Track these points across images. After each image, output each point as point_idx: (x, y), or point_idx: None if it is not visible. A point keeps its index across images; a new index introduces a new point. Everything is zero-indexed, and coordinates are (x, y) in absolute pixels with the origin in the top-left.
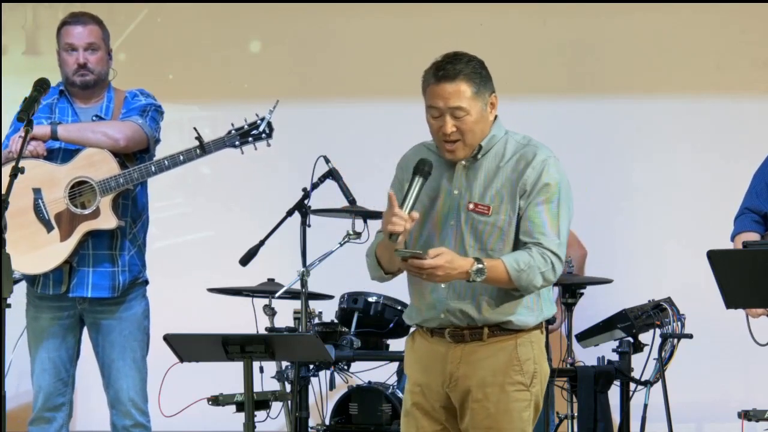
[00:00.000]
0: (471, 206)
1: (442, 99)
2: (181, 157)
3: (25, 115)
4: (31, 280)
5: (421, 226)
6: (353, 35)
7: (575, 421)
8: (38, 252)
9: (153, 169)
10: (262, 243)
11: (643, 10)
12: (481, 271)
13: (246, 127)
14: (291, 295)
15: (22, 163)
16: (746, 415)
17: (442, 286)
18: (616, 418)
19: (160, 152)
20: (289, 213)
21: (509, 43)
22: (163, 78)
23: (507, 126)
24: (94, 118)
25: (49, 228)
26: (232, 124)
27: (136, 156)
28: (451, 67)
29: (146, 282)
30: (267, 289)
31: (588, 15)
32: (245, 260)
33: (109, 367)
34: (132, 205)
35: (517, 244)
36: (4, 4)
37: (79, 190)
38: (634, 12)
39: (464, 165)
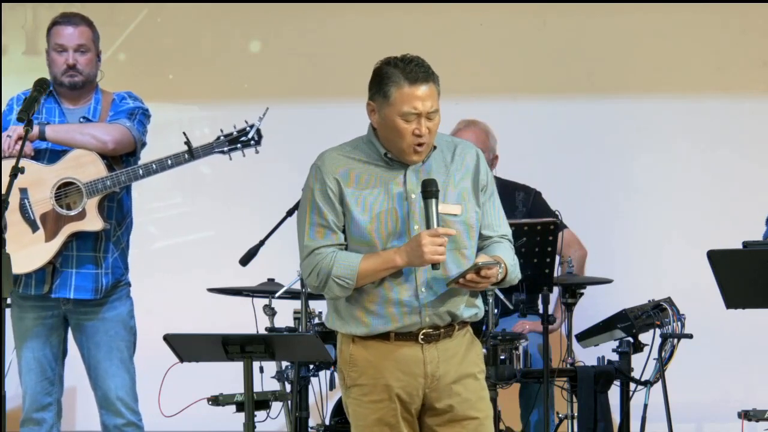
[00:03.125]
0: (440, 208)
1: (421, 102)
2: (170, 162)
3: (25, 114)
4: (14, 280)
5: (385, 236)
6: (353, 35)
7: (575, 421)
8: (23, 252)
9: (141, 172)
10: (262, 243)
11: (643, 10)
12: (502, 271)
13: (235, 133)
14: (291, 295)
15: (7, 163)
16: (746, 415)
17: (423, 290)
18: (616, 418)
19: (160, 152)
20: (289, 213)
21: (509, 43)
22: (163, 78)
23: (509, 127)
24: (81, 119)
25: (34, 228)
26: (221, 130)
27: (122, 159)
28: (422, 69)
29: (128, 284)
30: (267, 289)
31: (587, 15)
32: (245, 260)
33: (95, 368)
34: (117, 208)
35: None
36: (4, 4)
37: (65, 191)
38: (634, 12)
39: (412, 168)
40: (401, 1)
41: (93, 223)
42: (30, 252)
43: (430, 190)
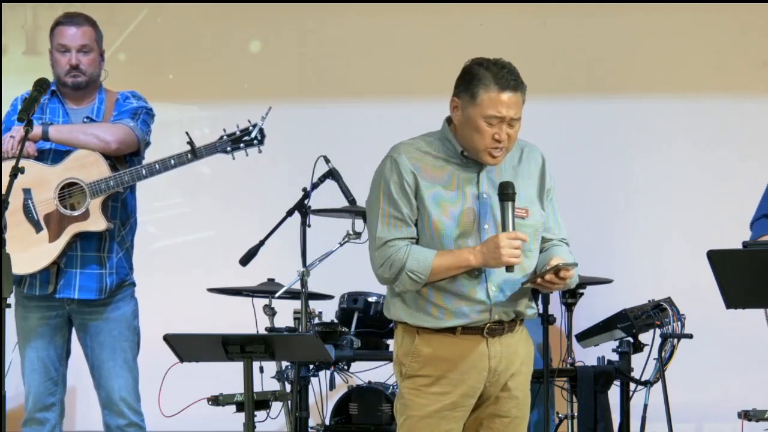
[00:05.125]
0: None
1: (507, 108)
2: (173, 161)
3: (25, 114)
4: (18, 280)
5: (456, 234)
6: (353, 35)
7: (575, 421)
8: (27, 252)
9: (144, 172)
10: (262, 243)
11: (643, 10)
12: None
13: (238, 133)
14: (291, 295)
15: (9, 164)
16: (746, 415)
17: (494, 288)
18: (616, 418)
19: (160, 151)
20: (289, 213)
21: (509, 43)
22: (163, 78)
23: None
24: (85, 119)
25: (38, 228)
26: (224, 130)
27: (126, 158)
28: (513, 77)
29: (133, 284)
30: (267, 289)
31: (588, 15)
32: (245, 260)
33: (99, 368)
34: (121, 208)
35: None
36: (4, 4)
37: (69, 191)
38: (634, 12)
39: (486, 168)
40: (401, 1)
41: (97, 223)
42: (34, 252)
43: (507, 193)
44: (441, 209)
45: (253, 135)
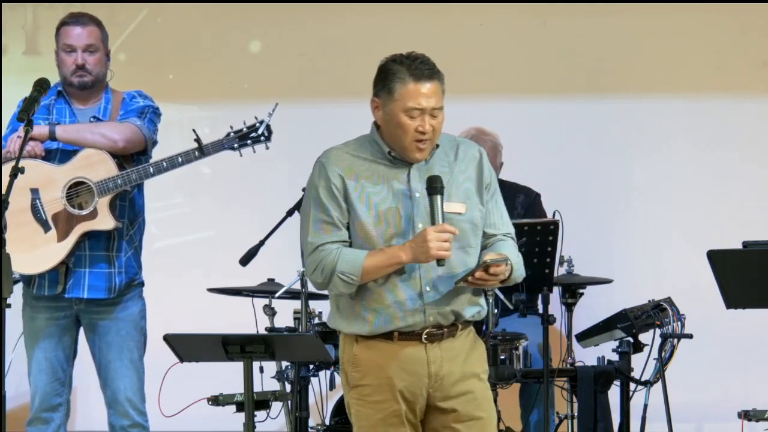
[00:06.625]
0: (444, 206)
1: (426, 98)
2: (180, 159)
3: (25, 114)
4: (27, 280)
5: (388, 235)
6: (353, 35)
7: (575, 421)
8: (35, 252)
9: (151, 170)
10: (262, 243)
11: (644, 10)
12: (508, 268)
13: (245, 129)
14: (291, 295)
15: (20, 163)
16: (746, 415)
17: (428, 289)
18: (616, 418)
19: (160, 152)
20: (289, 213)
21: (509, 43)
22: (163, 78)
23: (510, 126)
24: (91, 119)
25: (46, 228)
26: (231, 127)
27: (133, 157)
28: (427, 67)
29: (142, 284)
30: (267, 289)
31: (588, 15)
32: (245, 260)
33: (106, 367)
34: (129, 207)
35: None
36: (4, 4)
37: (76, 190)
38: (634, 12)
39: (416, 166)
40: (401, 1)
41: (105, 222)
42: (42, 252)
43: (435, 187)
44: (370, 210)
45: (260, 131)
